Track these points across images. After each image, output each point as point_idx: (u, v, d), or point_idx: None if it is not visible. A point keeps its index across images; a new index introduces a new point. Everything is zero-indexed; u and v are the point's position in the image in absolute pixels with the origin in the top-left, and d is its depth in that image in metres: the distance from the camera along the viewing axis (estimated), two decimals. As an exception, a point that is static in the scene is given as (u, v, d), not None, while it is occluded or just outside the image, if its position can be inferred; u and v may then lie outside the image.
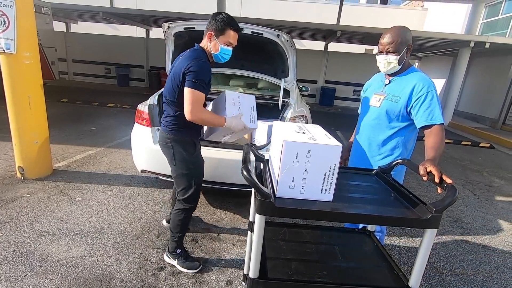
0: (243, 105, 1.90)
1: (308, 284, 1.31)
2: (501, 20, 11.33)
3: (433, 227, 1.19)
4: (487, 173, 4.88)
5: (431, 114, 1.53)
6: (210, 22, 1.73)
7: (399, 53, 1.59)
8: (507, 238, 2.82)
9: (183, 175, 1.89)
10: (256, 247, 1.17)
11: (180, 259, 2.01)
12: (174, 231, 1.99)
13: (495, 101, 9.91)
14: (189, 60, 1.67)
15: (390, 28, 1.64)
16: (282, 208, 1.12)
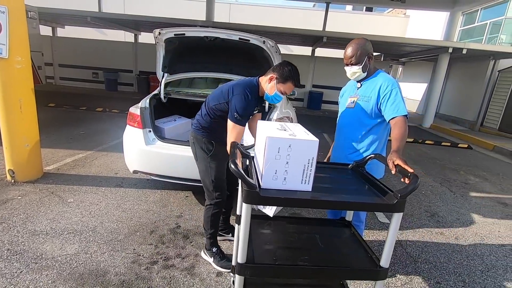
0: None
1: (291, 267, 1.45)
2: (477, 27, 11.94)
3: (399, 210, 1.34)
4: (464, 171, 5.16)
5: (396, 107, 1.73)
6: (279, 67, 1.83)
7: (361, 63, 1.81)
8: (478, 230, 3.04)
9: (204, 172, 2.03)
10: (243, 234, 1.28)
11: (216, 257, 2.11)
12: (206, 227, 2.12)
13: (473, 104, 10.39)
14: (240, 91, 1.80)
15: (350, 42, 1.85)
16: (266, 197, 1.25)
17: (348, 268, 1.50)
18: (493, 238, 2.89)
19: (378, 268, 1.42)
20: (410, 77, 15.95)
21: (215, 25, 9.35)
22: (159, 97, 3.09)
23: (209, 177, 2.02)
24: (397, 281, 2.14)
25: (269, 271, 1.47)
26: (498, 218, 3.36)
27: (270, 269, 1.43)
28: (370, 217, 3.08)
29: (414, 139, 7.47)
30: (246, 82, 1.89)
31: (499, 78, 9.68)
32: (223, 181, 2.08)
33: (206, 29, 2.85)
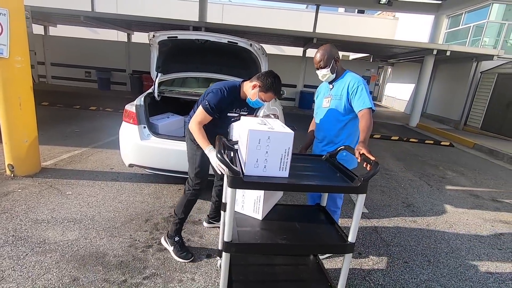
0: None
1: (270, 244, 1.67)
2: (462, 30, 12.37)
3: (362, 192, 1.57)
4: (443, 167, 5.47)
5: (362, 101, 1.98)
6: (263, 77, 1.97)
7: (329, 66, 2.06)
8: (448, 218, 3.31)
9: (190, 159, 2.20)
10: (229, 215, 1.48)
11: (176, 247, 2.20)
12: (177, 212, 2.23)
13: (457, 104, 10.80)
14: (217, 87, 2.02)
15: (318, 49, 2.10)
16: (248, 182, 1.45)
17: (321, 244, 1.74)
18: (461, 225, 3.17)
19: (346, 243, 1.66)
20: (399, 77, 16.39)
21: (208, 25, 9.54)
22: (153, 96, 3.28)
23: (193, 165, 2.17)
24: (369, 261, 2.38)
25: (251, 248, 1.69)
26: (468, 208, 3.64)
27: (252, 246, 1.64)
28: (350, 207, 3.33)
29: (399, 137, 7.79)
30: (228, 82, 2.10)
31: (481, 79, 10.10)
32: (205, 171, 2.21)
33: (198, 33, 3.05)
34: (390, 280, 2.17)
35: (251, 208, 1.76)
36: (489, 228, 3.16)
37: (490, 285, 2.23)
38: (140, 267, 2.06)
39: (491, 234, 3.05)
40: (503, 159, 6.56)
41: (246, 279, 1.87)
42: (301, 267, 2.07)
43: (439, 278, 2.25)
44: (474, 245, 2.78)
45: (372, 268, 2.30)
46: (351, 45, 11.50)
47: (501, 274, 2.38)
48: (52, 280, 1.87)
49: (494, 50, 9.26)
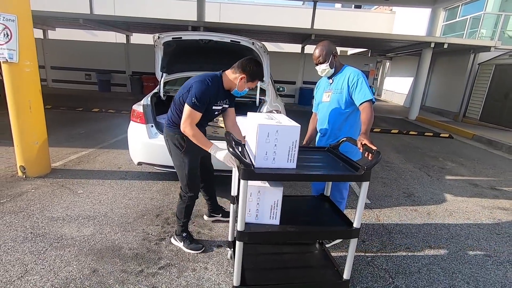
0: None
1: (282, 233, 1.76)
2: (459, 22, 12.42)
3: (366, 180, 1.67)
4: (442, 158, 5.57)
5: (363, 94, 2.07)
6: (246, 66, 1.99)
7: (328, 61, 2.15)
8: (448, 206, 3.42)
9: (178, 167, 2.20)
10: (241, 205, 1.56)
11: (186, 241, 2.29)
12: (179, 217, 2.28)
13: (456, 96, 10.88)
14: (198, 80, 1.98)
15: (317, 45, 2.19)
16: (260, 174, 1.55)
17: (328, 230, 1.84)
18: (461, 213, 3.27)
19: (352, 228, 1.76)
20: (397, 71, 16.45)
21: (206, 25, 9.61)
22: (159, 95, 3.37)
23: (183, 172, 2.16)
24: (373, 248, 2.49)
25: (264, 236, 1.76)
26: (467, 197, 3.75)
27: (264, 235, 1.72)
28: (353, 198, 3.43)
29: (399, 131, 7.88)
30: (208, 73, 2.05)
31: (479, 71, 10.16)
32: (196, 176, 2.23)
33: (201, 33, 3.14)
34: (393, 264, 2.28)
35: (267, 216, 1.72)
36: (487, 215, 3.27)
37: (489, 267, 2.34)
38: (155, 258, 2.16)
39: (490, 220, 3.15)
40: (501, 149, 6.65)
41: (257, 267, 1.97)
42: (308, 255, 2.18)
43: (439, 261, 2.36)
44: (473, 231, 2.89)
45: (376, 254, 2.40)
46: (349, 40, 11.57)
47: (499, 257, 2.49)
48: (73, 272, 1.97)
49: (491, 42, 9.33)
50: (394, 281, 2.10)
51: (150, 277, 1.98)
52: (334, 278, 1.89)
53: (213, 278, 2.01)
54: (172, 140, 2.16)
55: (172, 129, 2.14)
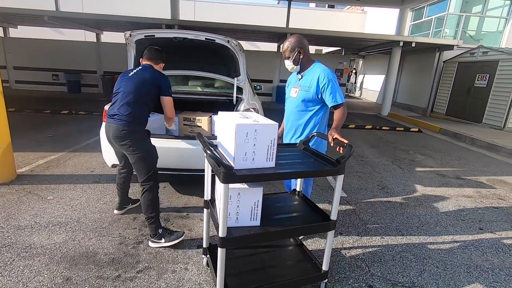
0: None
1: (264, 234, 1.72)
2: (425, 22, 13.09)
3: (340, 173, 1.72)
4: (413, 151, 5.86)
5: (334, 97, 2.12)
6: (158, 53, 2.44)
7: (292, 57, 2.18)
8: (419, 197, 3.61)
9: (142, 158, 2.25)
10: (223, 211, 1.49)
11: (165, 236, 2.26)
12: (148, 213, 2.25)
13: (424, 92, 11.47)
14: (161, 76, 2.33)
15: (285, 40, 2.21)
16: (242, 176, 1.50)
17: (308, 225, 1.85)
18: (430, 202, 3.46)
19: (329, 221, 1.80)
20: (370, 69, 17.06)
21: (181, 23, 9.43)
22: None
23: (147, 163, 2.26)
24: (349, 239, 2.57)
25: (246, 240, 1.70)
26: (435, 187, 3.97)
27: (247, 238, 1.66)
28: (330, 193, 3.52)
29: (373, 126, 8.19)
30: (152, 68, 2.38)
31: (444, 68, 10.78)
32: (156, 166, 2.36)
33: (175, 31, 3.08)
34: (369, 254, 2.37)
35: (247, 218, 1.69)
36: (454, 203, 3.48)
37: (455, 251, 2.50)
38: (132, 262, 2.10)
39: (456, 207, 3.36)
40: (465, 141, 7.11)
41: (237, 271, 1.91)
42: (284, 251, 2.19)
43: (411, 249, 2.49)
44: (441, 218, 3.07)
45: (353, 245, 2.49)
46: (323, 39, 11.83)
47: (464, 241, 2.66)
48: (44, 282, 1.87)
49: (454, 41, 9.92)
50: (370, 269, 2.18)
51: (128, 281, 1.92)
52: (314, 271, 1.93)
53: (194, 278, 1.99)
54: (136, 136, 2.24)
55: (135, 124, 2.24)
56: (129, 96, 2.22)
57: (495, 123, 8.41)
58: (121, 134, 2.22)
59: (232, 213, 1.65)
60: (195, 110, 3.51)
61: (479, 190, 3.95)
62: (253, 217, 1.69)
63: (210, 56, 3.47)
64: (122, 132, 2.21)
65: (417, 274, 2.17)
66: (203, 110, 3.53)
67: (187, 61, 3.58)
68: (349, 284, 2.01)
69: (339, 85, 2.17)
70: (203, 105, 3.69)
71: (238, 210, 1.66)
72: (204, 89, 3.79)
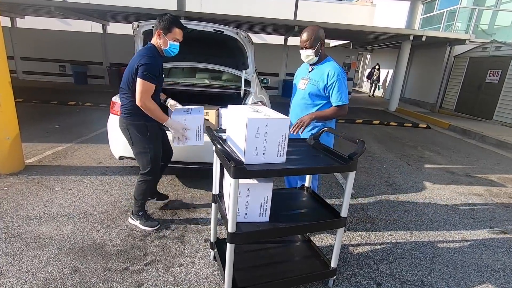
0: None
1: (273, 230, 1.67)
2: (436, 15, 12.78)
3: (353, 170, 1.68)
4: (421, 148, 5.77)
5: (340, 96, 2.09)
6: (158, 22, 2.02)
7: (314, 48, 2.10)
8: (428, 194, 3.55)
9: (141, 153, 2.25)
10: (232, 206, 1.46)
11: (142, 219, 2.41)
12: (138, 198, 2.38)
13: (433, 88, 11.26)
14: (141, 56, 2.00)
15: (306, 28, 2.14)
16: (252, 171, 1.46)
17: (317, 222, 1.82)
18: (439, 200, 3.41)
19: (339, 218, 1.77)
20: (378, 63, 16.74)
21: (188, 14, 9.33)
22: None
23: (147, 158, 2.24)
24: (357, 236, 2.55)
25: (255, 235, 1.68)
26: (445, 184, 3.91)
27: (256, 234, 1.65)
28: (337, 188, 3.49)
29: (380, 122, 8.08)
30: (144, 50, 2.08)
31: (454, 63, 10.54)
32: (158, 159, 2.32)
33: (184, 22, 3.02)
34: (377, 251, 2.34)
35: (256, 213, 1.67)
36: (463, 201, 3.43)
37: (465, 250, 2.46)
38: (140, 255, 2.11)
39: (466, 206, 3.30)
40: (475, 138, 6.98)
41: (244, 266, 1.91)
42: (293, 247, 2.18)
43: (420, 247, 2.45)
44: (451, 217, 3.02)
45: (361, 242, 2.46)
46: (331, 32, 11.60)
47: (474, 240, 2.62)
48: (53, 272, 1.88)
49: (466, 35, 9.66)
50: (378, 267, 2.16)
51: (135, 274, 1.93)
52: (322, 268, 1.91)
53: (201, 272, 1.99)
54: (133, 128, 2.18)
55: (130, 117, 2.17)
56: (120, 86, 2.19)
57: (506, 120, 8.24)
58: (122, 127, 2.26)
59: (241, 208, 1.63)
60: (202, 103, 3.47)
61: (490, 188, 3.88)
62: (262, 213, 1.67)
63: (218, 48, 3.42)
64: (122, 125, 2.25)
65: (426, 273, 2.13)
66: (210, 103, 3.49)
67: (194, 53, 3.53)
68: (357, 282, 1.99)
69: (346, 85, 2.12)
70: (211, 98, 3.65)
71: (247, 206, 1.63)
72: (212, 82, 3.75)
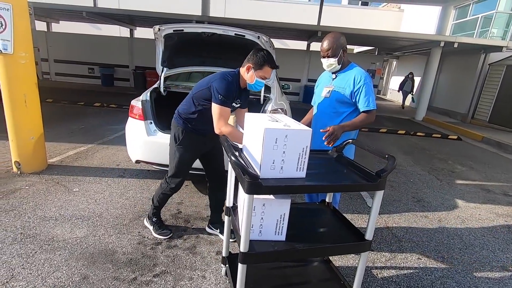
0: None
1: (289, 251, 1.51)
2: (469, 21, 12.12)
3: (381, 189, 1.51)
4: (452, 161, 5.38)
5: (367, 101, 1.95)
6: (252, 56, 1.90)
7: (337, 56, 1.98)
8: (460, 213, 3.25)
9: (171, 156, 2.22)
10: (245, 223, 1.33)
11: (155, 226, 2.39)
12: (154, 200, 2.37)
13: (464, 97, 10.62)
14: (220, 75, 1.94)
15: (327, 36, 2.01)
16: (269, 187, 1.30)
17: (339, 244, 1.65)
18: (474, 221, 3.10)
19: (364, 241, 1.59)
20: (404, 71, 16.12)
21: (211, 19, 9.43)
22: (159, 91, 3.23)
23: (173, 163, 2.21)
24: (381, 257, 2.34)
25: (270, 257, 1.53)
26: (480, 203, 3.57)
27: (270, 255, 1.50)
28: (359, 202, 3.28)
29: (406, 131, 7.68)
30: (226, 70, 2.02)
31: (489, 72, 9.90)
32: (182, 172, 2.24)
33: (204, 25, 2.99)
34: (404, 277, 2.13)
35: (272, 231, 1.52)
36: (502, 223, 3.10)
37: (507, 281, 2.18)
38: (150, 265, 2.03)
39: (505, 229, 2.98)
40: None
41: (258, 286, 1.77)
42: (310, 266, 2.01)
43: (454, 274, 2.20)
44: (488, 241, 2.72)
45: (385, 264, 2.25)
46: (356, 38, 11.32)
47: (517, 270, 2.33)
48: (62, 278, 1.85)
49: (503, 42, 9.06)
50: (405, 295, 1.95)
51: (143, 285, 1.85)
52: (342, 293, 1.74)
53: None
54: (173, 130, 2.18)
55: (176, 120, 2.16)
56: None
57: (548, 134, 7.57)
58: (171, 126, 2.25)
59: (256, 225, 1.50)
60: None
61: (532, 210, 3.51)
62: (278, 231, 1.53)
63: (238, 52, 3.33)
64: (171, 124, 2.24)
65: (461, 305, 1.90)
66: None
67: (214, 57, 3.48)
68: (381, 311, 1.80)
69: (373, 91, 1.98)
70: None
71: (262, 223, 1.50)
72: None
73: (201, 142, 2.17)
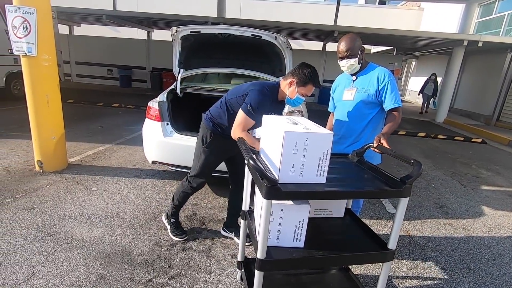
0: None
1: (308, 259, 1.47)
2: (495, 19, 11.58)
3: (406, 196, 1.43)
4: (476, 165, 5.13)
5: (394, 99, 1.88)
6: (298, 70, 1.84)
7: (356, 56, 1.90)
8: (487, 221, 3.08)
9: (196, 156, 2.22)
10: (263, 229, 1.29)
11: (172, 226, 2.39)
12: (174, 198, 2.36)
13: (489, 98, 10.15)
14: (259, 86, 1.88)
15: (343, 38, 1.95)
16: (288, 192, 1.27)
17: (358, 253, 1.57)
18: (502, 229, 2.93)
19: (386, 251, 1.52)
20: (424, 71, 15.65)
21: (226, 21, 9.47)
22: (176, 92, 3.25)
23: (197, 163, 2.19)
24: (403, 266, 2.24)
25: (288, 264, 1.50)
26: (508, 211, 3.38)
27: (288, 262, 1.46)
28: (378, 208, 3.17)
29: (426, 134, 7.42)
30: (267, 82, 1.97)
31: (516, 72, 9.41)
32: (205, 174, 2.22)
33: (220, 26, 2.98)
34: (427, 288, 2.03)
35: (290, 238, 1.47)
36: (533, 233, 2.91)
37: (541, 297, 2.03)
38: (165, 267, 2.03)
39: (537, 239, 2.80)
40: (542, 157, 6.09)
41: None
42: (328, 274, 1.95)
43: (481, 287, 2.08)
44: (519, 252, 2.56)
45: (407, 274, 2.15)
46: (374, 38, 11.07)
47: (552, 285, 2.17)
48: (80, 278, 1.87)
49: (532, 40, 8.59)
50: (429, 308, 1.85)
51: (159, 287, 1.84)
52: (362, 304, 1.66)
53: (226, 292, 1.85)
54: (202, 131, 2.16)
55: (207, 122, 2.14)
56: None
57: None
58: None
59: (273, 230, 1.45)
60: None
61: None
62: (296, 238, 1.48)
63: (255, 53, 3.31)
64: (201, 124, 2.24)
65: (490, 321, 1.78)
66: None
67: (231, 58, 3.46)
68: (403, 324, 1.71)
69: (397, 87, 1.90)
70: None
71: (280, 229, 1.45)
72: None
73: (228, 146, 2.11)
